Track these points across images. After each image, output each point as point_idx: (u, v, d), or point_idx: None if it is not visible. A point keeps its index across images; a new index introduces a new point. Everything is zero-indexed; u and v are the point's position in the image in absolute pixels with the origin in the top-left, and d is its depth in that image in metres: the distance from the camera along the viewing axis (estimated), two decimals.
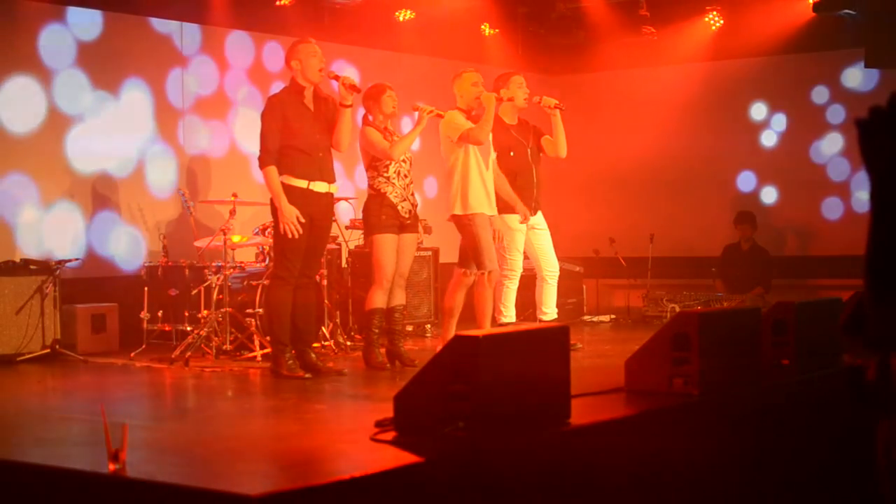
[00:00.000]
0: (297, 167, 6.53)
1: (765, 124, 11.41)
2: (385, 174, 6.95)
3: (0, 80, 8.25)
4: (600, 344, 8.29)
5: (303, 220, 6.45)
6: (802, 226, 11.26)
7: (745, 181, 11.54)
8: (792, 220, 11.35)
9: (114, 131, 8.83)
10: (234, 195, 7.80)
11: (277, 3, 9.41)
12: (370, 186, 7.03)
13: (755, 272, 10.49)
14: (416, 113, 7.06)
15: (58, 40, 8.53)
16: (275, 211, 6.52)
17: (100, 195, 8.78)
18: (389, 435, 3.91)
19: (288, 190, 6.48)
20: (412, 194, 7.09)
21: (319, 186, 6.60)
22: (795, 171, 11.19)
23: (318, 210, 6.62)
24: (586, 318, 10.34)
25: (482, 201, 7.12)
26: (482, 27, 10.87)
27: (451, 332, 6.58)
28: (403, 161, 7.03)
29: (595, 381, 5.15)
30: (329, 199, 6.72)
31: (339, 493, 3.25)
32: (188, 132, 9.33)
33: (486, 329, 6.38)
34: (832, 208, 11.04)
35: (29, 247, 8.30)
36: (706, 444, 4.68)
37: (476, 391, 3.72)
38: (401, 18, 10.25)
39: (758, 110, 11.43)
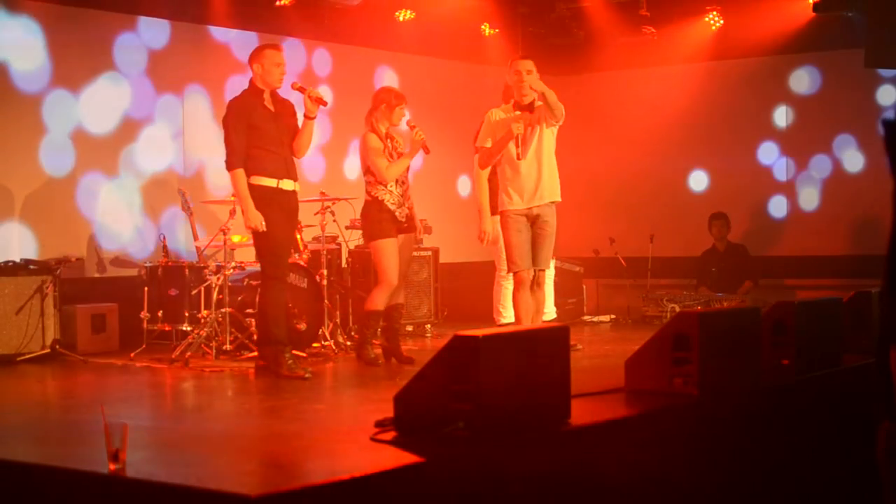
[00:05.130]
0: (266, 166, 6.58)
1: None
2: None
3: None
4: (600, 344, 8.28)
5: (263, 230, 6.47)
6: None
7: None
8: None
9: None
10: (235, 195, 7.80)
11: (277, 3, 9.41)
12: (367, 192, 7.20)
13: (737, 270, 10.53)
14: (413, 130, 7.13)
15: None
16: (243, 212, 6.57)
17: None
18: (389, 435, 3.91)
19: (259, 190, 6.54)
20: (408, 199, 7.24)
21: (287, 185, 6.67)
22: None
23: (288, 208, 6.69)
24: (586, 318, 10.33)
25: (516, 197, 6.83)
26: (482, 27, 10.87)
27: None
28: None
29: (595, 381, 5.15)
30: (295, 198, 6.78)
31: (339, 493, 3.25)
32: None
33: (486, 329, 6.38)
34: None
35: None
36: (706, 444, 4.68)
37: (476, 391, 3.72)
38: (401, 18, 10.24)
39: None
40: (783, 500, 5.10)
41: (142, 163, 9.06)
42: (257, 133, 6.56)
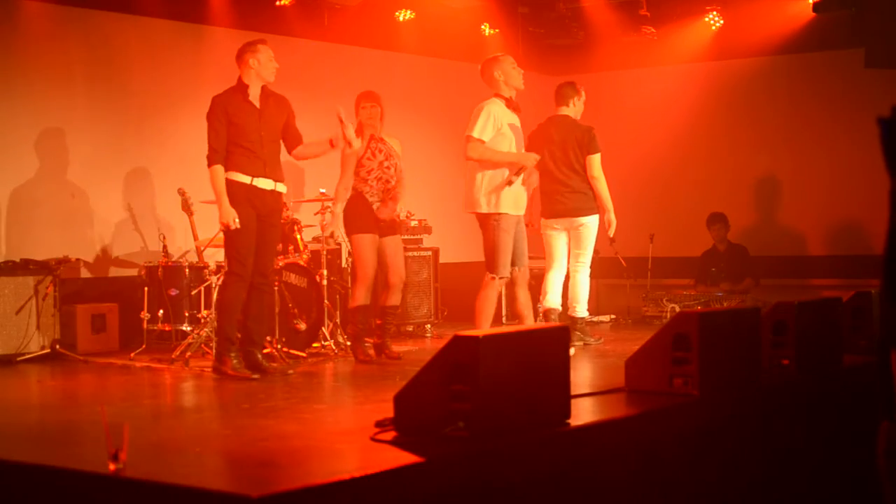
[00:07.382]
0: (241, 163, 6.61)
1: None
2: (365, 178, 7.37)
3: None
4: (600, 344, 8.27)
5: (237, 227, 6.48)
6: None
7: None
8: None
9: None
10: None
11: (277, 3, 9.40)
12: (353, 188, 7.43)
13: (737, 269, 10.53)
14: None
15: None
16: (218, 208, 6.60)
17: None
18: (389, 435, 3.91)
19: (233, 185, 6.56)
20: (392, 199, 7.37)
21: (264, 183, 6.66)
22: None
23: (264, 207, 6.68)
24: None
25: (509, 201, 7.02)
26: (482, 27, 10.86)
27: None
28: (387, 167, 7.39)
29: (595, 381, 5.16)
30: (276, 197, 6.78)
31: (339, 493, 3.25)
32: None
33: (487, 329, 6.39)
34: None
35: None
36: (706, 444, 4.68)
37: (476, 391, 3.72)
38: (401, 18, 10.24)
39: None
40: (783, 500, 5.10)
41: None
42: (236, 130, 6.60)
